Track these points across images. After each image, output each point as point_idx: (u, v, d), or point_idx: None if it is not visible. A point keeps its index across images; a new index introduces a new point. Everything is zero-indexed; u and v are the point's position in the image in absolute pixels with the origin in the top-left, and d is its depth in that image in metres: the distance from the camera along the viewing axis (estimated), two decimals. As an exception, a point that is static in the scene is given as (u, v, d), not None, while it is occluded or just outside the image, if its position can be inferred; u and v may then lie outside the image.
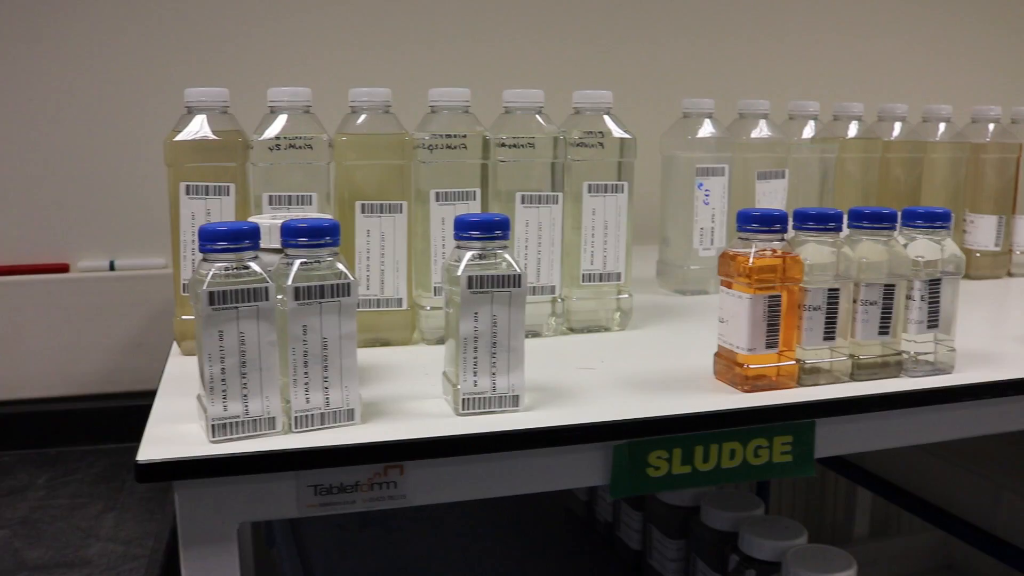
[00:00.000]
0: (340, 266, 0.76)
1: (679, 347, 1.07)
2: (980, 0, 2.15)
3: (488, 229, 0.79)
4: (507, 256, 0.80)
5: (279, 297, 0.73)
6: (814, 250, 0.86)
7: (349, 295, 0.75)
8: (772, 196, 1.32)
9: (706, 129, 1.29)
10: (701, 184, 1.28)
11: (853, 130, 1.43)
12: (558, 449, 0.79)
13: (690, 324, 1.17)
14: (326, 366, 0.76)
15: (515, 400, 0.81)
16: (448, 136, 1.03)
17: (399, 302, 1.04)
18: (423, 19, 1.70)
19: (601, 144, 1.09)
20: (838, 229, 0.87)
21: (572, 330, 1.12)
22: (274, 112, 1.01)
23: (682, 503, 1.30)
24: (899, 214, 0.91)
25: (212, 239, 0.71)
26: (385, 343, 1.04)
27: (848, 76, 2.00)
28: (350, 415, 0.77)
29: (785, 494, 2.11)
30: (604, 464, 0.81)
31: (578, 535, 1.53)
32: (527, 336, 1.06)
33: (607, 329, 1.13)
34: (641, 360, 1.01)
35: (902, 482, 1.61)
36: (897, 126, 1.48)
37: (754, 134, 1.33)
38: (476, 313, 0.78)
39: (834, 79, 1.98)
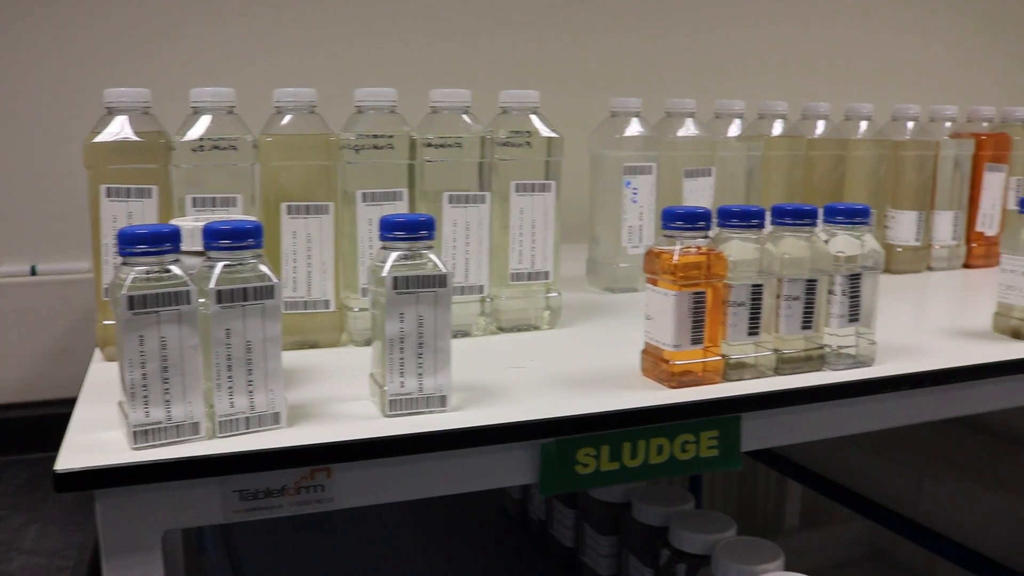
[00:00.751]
0: (263, 268, 0.75)
1: (608, 345, 1.08)
2: (902, 3, 2.20)
3: (413, 229, 0.79)
4: (432, 256, 0.79)
5: (201, 300, 0.72)
6: (738, 247, 0.87)
7: (273, 297, 0.75)
8: (699, 194, 1.34)
9: (633, 128, 1.30)
10: (629, 182, 1.29)
11: (778, 128, 1.45)
12: (486, 448, 0.79)
13: (619, 322, 1.18)
14: (250, 369, 0.75)
15: (442, 400, 0.81)
16: (374, 136, 1.02)
17: (326, 304, 1.03)
18: (349, 19, 1.69)
19: (528, 143, 1.10)
20: (761, 226, 0.88)
21: (501, 329, 1.12)
22: (197, 113, 0.99)
23: (614, 499, 1.31)
24: (820, 210, 0.93)
25: (131, 242, 0.70)
26: (313, 345, 1.04)
27: (773, 75, 2.03)
28: (275, 419, 0.76)
29: (717, 488, 2.14)
30: (533, 462, 0.81)
31: (512, 533, 1.54)
32: (456, 336, 1.07)
33: (536, 328, 1.13)
34: (570, 358, 1.02)
35: (830, 473, 1.64)
36: (820, 124, 1.51)
37: (681, 133, 1.34)
38: (402, 314, 0.78)
39: (759, 78, 2.01)
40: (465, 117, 1.07)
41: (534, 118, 1.11)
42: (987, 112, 1.67)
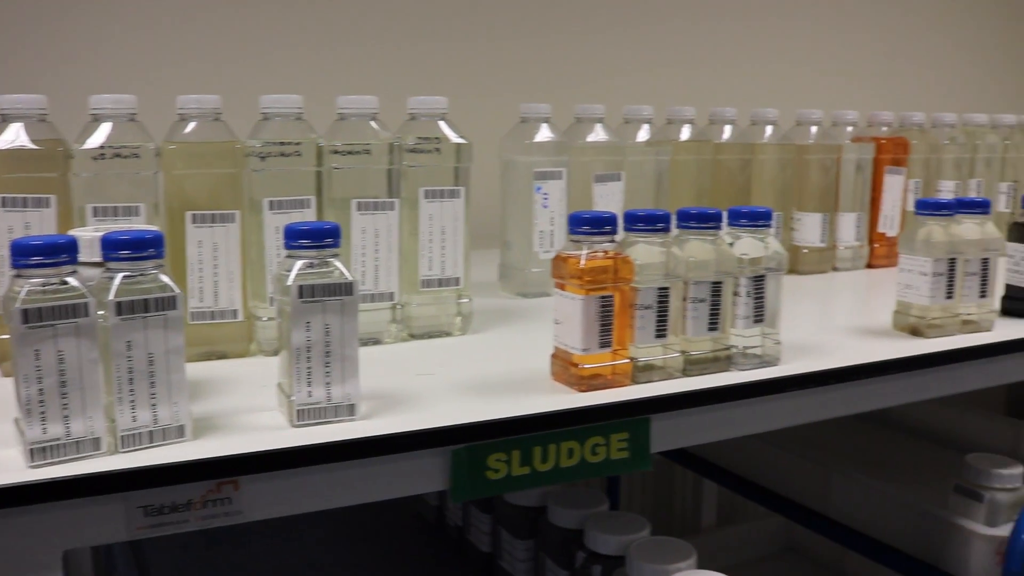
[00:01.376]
0: (164, 279, 0.73)
1: (519, 350, 1.08)
2: (803, 6, 2.25)
3: (318, 237, 0.78)
4: (338, 264, 0.79)
5: (100, 313, 0.70)
6: (644, 250, 0.88)
7: (175, 308, 0.73)
8: (609, 198, 1.35)
9: (544, 134, 1.31)
10: (540, 188, 1.29)
11: (685, 133, 1.48)
12: (396, 456, 0.79)
13: (531, 326, 1.18)
14: (153, 382, 0.73)
15: (351, 409, 0.80)
16: (281, 144, 1.01)
17: (234, 313, 1.01)
18: (255, 25, 1.66)
19: (437, 149, 1.09)
20: (667, 230, 0.90)
21: (413, 336, 1.11)
22: (97, 120, 0.97)
23: (529, 503, 1.32)
24: (725, 214, 0.94)
25: (25, 254, 0.68)
26: (221, 356, 1.02)
27: (680, 81, 2.06)
28: (180, 432, 0.75)
29: (635, 489, 2.16)
30: (444, 469, 0.81)
31: (429, 540, 1.53)
32: (367, 343, 1.06)
33: (448, 334, 1.13)
34: (481, 364, 1.02)
35: (744, 472, 1.67)
36: (727, 129, 1.54)
37: (590, 138, 1.36)
38: (308, 323, 0.77)
39: (667, 84, 2.03)
40: (373, 124, 1.07)
41: (442, 124, 1.10)
42: (886, 117, 1.72)
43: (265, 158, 1.00)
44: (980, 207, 1.17)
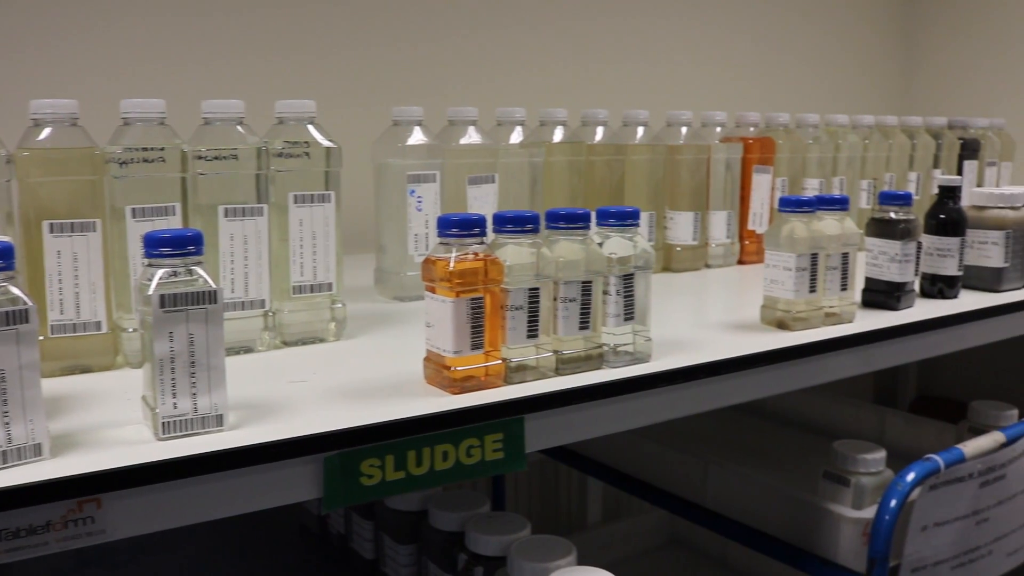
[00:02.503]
0: (15, 291, 0.70)
1: (394, 354, 1.08)
2: (673, 9, 2.30)
3: (180, 245, 0.76)
4: (201, 272, 0.77)
5: (-55, 329, 0.67)
6: (513, 252, 0.89)
7: (28, 322, 0.70)
8: (483, 200, 1.36)
9: (416, 136, 1.30)
10: (413, 191, 1.29)
11: (558, 135, 1.49)
12: (267, 466, 0.77)
13: (406, 330, 1.18)
14: (5, 400, 0.70)
15: (219, 420, 0.79)
16: (143, 149, 0.98)
17: (97, 325, 0.98)
18: (117, 30, 1.61)
19: (307, 154, 1.08)
20: (536, 231, 0.90)
21: (286, 343, 1.10)
22: (-57, 127, 0.93)
23: (411, 508, 1.31)
24: (593, 214, 0.96)
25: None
26: (85, 370, 0.99)
27: (553, 83, 2.07)
28: (37, 450, 0.72)
29: (520, 490, 2.17)
30: (316, 477, 0.80)
31: (312, 550, 1.51)
32: (239, 352, 1.04)
33: (323, 340, 1.12)
34: (355, 369, 1.01)
35: (626, 467, 1.69)
36: (599, 130, 1.56)
37: (463, 140, 1.36)
38: (171, 333, 0.75)
39: (539, 86, 2.04)
40: (239, 128, 1.05)
41: (311, 128, 1.09)
42: (753, 118, 1.77)
43: (126, 164, 0.97)
44: (839, 204, 1.21)
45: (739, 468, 1.45)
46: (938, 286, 1.40)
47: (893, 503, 1.22)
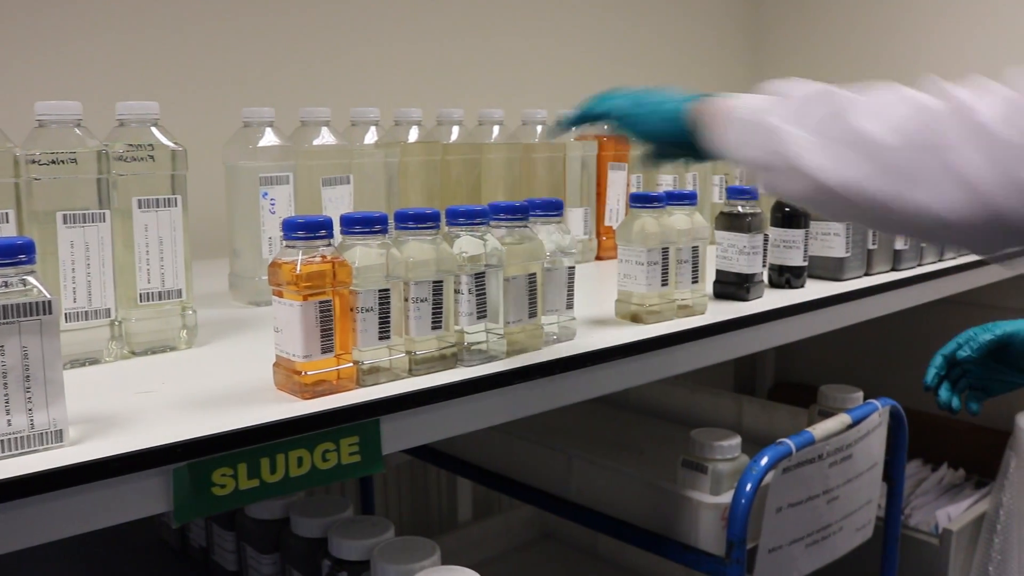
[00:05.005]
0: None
1: (247, 360, 1.05)
2: (525, 9, 2.32)
3: (8, 254, 0.73)
4: (35, 282, 0.74)
5: None
6: (362, 253, 0.88)
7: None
8: (338, 202, 1.34)
9: (268, 138, 1.28)
10: (266, 193, 1.27)
11: (414, 135, 1.49)
12: (111, 481, 0.75)
13: (261, 336, 1.15)
14: None
15: (58, 435, 0.76)
16: (-29, 155, 0.94)
17: (-74, 341, 0.93)
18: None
19: (151, 157, 1.05)
20: (384, 231, 0.90)
21: (135, 353, 1.06)
22: None
23: (272, 516, 1.29)
24: (443, 213, 0.96)
25: None
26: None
27: (406, 82, 2.05)
28: None
29: (390, 493, 2.16)
30: (166, 490, 0.78)
31: (172, 565, 1.47)
32: (83, 364, 1.01)
33: (173, 348, 1.09)
34: (206, 377, 0.99)
35: (493, 465, 1.70)
36: (455, 130, 1.56)
37: (317, 141, 1.34)
38: (2, 346, 0.72)
39: (393, 86, 2.02)
40: (77, 131, 1.01)
41: (155, 130, 1.06)
42: (608, 115, 1.79)
43: (-48, 171, 0.93)
44: (688, 199, 1.25)
45: (601, 460, 1.48)
46: (785, 276, 1.45)
47: (748, 487, 1.26)
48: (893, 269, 1.62)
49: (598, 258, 1.73)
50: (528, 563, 2.08)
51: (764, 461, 1.28)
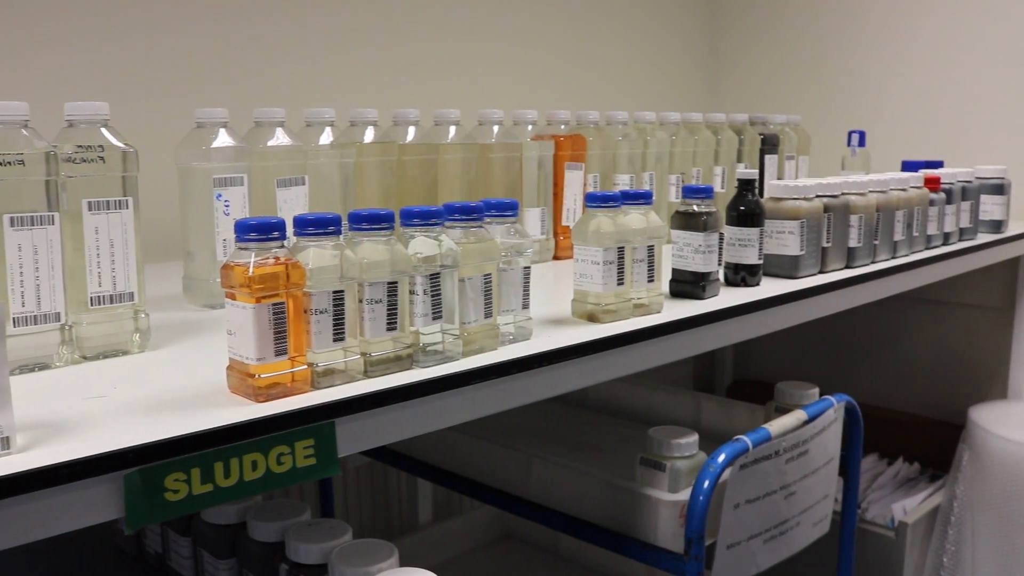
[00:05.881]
0: None
1: (200, 364, 1.04)
2: (483, 9, 2.31)
3: (-48, 259, 0.72)
4: (-21, 286, 0.73)
5: None
6: (315, 254, 0.88)
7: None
8: (293, 203, 1.33)
9: (222, 139, 1.27)
10: (220, 195, 1.25)
11: (369, 135, 1.48)
12: (59, 488, 0.74)
13: (216, 339, 1.14)
14: None
15: (4, 443, 0.74)
16: (-87, 157, 0.92)
17: None
18: None
19: (101, 158, 1.03)
20: (338, 232, 0.89)
21: (86, 358, 1.05)
22: None
23: (228, 521, 1.28)
24: (396, 214, 0.95)
25: None
26: None
27: (362, 82, 2.04)
28: None
29: (350, 496, 2.15)
30: (117, 496, 0.77)
31: (128, 571, 1.45)
32: (32, 370, 0.99)
33: (126, 353, 1.07)
34: (158, 381, 0.97)
35: (453, 466, 1.70)
36: (411, 130, 1.56)
37: (271, 142, 1.33)
38: (-54, 352, 0.71)
39: (348, 86, 2.01)
40: (25, 132, 0.99)
41: (105, 132, 1.05)
42: (564, 115, 1.80)
43: None
44: (644, 198, 1.25)
45: (561, 460, 1.48)
46: (741, 274, 1.46)
47: (706, 484, 1.27)
48: (847, 267, 1.64)
49: (556, 258, 1.73)
50: (489, 563, 2.08)
51: (721, 458, 1.29)
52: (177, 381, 0.97)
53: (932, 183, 1.85)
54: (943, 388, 2.56)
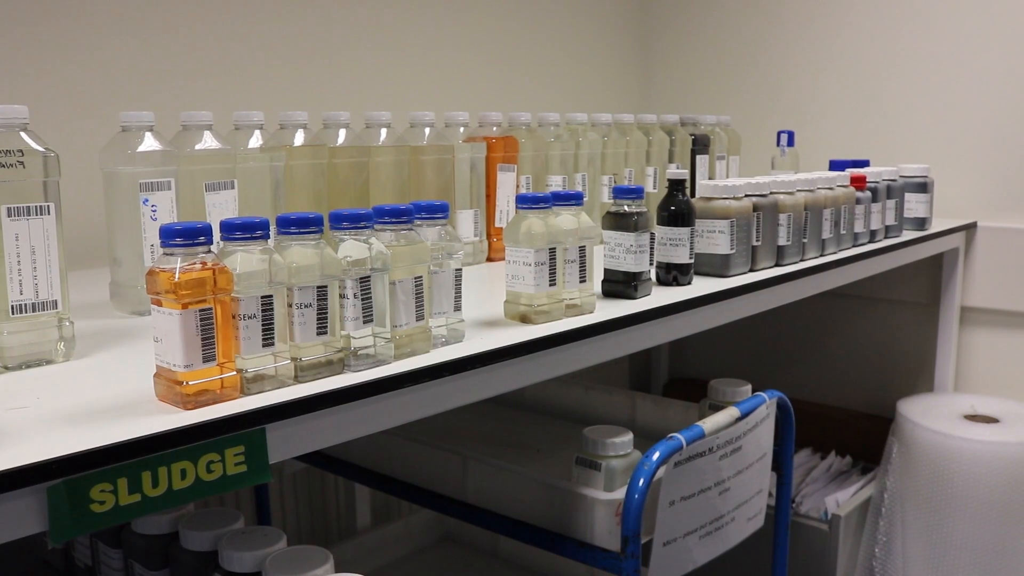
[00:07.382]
0: None
1: (128, 372, 1.02)
2: (413, 11, 2.31)
3: None
4: None
5: None
6: (243, 259, 0.87)
7: None
8: (223, 207, 1.31)
9: (148, 143, 1.25)
10: (147, 200, 1.23)
11: (299, 138, 1.47)
12: (-20, 502, 0.72)
13: (144, 346, 1.12)
14: None
15: (-79, 456, 0.72)
16: None
17: None
18: None
19: (22, 163, 1.01)
20: (265, 237, 0.89)
21: (8, 368, 1.02)
22: None
23: (160, 531, 1.26)
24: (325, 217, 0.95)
25: None
26: None
27: (291, 85, 2.02)
28: None
29: (287, 502, 2.13)
30: (40, 509, 0.75)
31: (57, 586, 1.42)
32: (-55, 382, 0.97)
33: (50, 362, 1.05)
34: (84, 391, 0.95)
35: (391, 470, 1.69)
36: (342, 133, 1.55)
37: (199, 146, 1.31)
38: None
39: (277, 88, 1.99)
40: (-60, 138, 0.97)
41: (24, 135, 1.02)
42: (496, 117, 1.81)
43: None
44: (575, 199, 1.26)
45: (496, 461, 1.48)
46: (672, 274, 1.47)
47: (641, 482, 1.28)
48: (777, 264, 1.67)
49: (489, 259, 1.73)
50: (428, 567, 2.07)
51: (655, 456, 1.30)
52: (103, 390, 0.95)
53: (858, 182, 1.89)
54: (872, 382, 2.62)
